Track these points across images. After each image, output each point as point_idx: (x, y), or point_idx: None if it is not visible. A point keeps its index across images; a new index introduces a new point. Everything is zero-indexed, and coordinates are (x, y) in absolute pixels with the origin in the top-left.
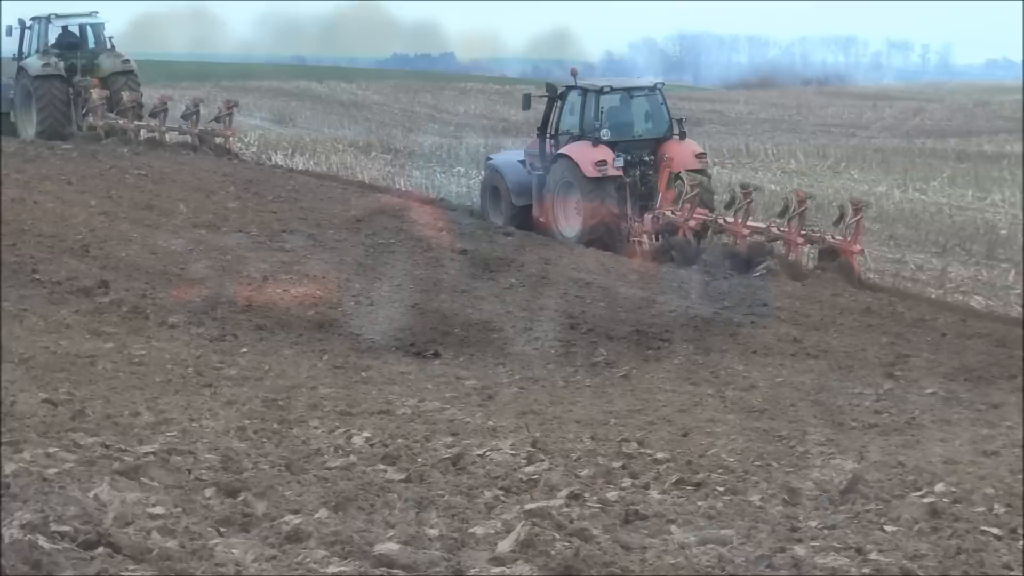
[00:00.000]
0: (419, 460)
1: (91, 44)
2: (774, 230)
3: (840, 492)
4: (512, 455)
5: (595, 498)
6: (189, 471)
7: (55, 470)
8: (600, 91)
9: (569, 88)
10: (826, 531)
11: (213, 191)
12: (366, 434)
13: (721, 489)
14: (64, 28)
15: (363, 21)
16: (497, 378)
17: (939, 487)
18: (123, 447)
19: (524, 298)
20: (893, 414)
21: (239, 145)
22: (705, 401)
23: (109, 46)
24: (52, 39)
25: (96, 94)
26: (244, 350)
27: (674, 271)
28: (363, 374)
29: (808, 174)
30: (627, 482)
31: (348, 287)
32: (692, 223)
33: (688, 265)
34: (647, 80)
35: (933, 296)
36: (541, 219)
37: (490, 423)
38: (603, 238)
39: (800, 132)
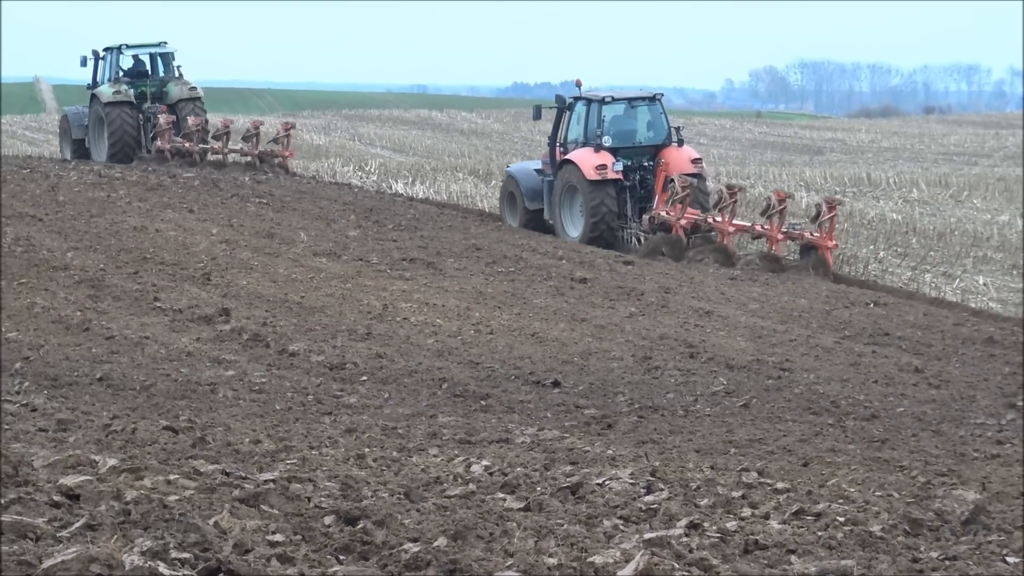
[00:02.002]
0: (538, 489)
1: (161, 72)
2: (758, 228)
3: (962, 523)
4: (631, 484)
5: (714, 528)
6: (309, 499)
7: (176, 497)
8: (602, 101)
9: (576, 99)
10: (947, 562)
11: (333, 220)
12: (485, 462)
13: (842, 519)
14: (135, 58)
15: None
16: (616, 407)
17: None
18: (243, 474)
19: (644, 327)
20: (1016, 444)
21: (360, 175)
22: (826, 431)
23: (177, 74)
24: (124, 68)
25: (163, 119)
26: (364, 378)
27: (794, 300)
28: (482, 403)
29: (930, 203)
30: (747, 512)
31: (468, 315)
32: (683, 222)
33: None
34: (647, 91)
35: None
36: (550, 221)
37: (609, 452)
38: (603, 237)
39: (922, 161)
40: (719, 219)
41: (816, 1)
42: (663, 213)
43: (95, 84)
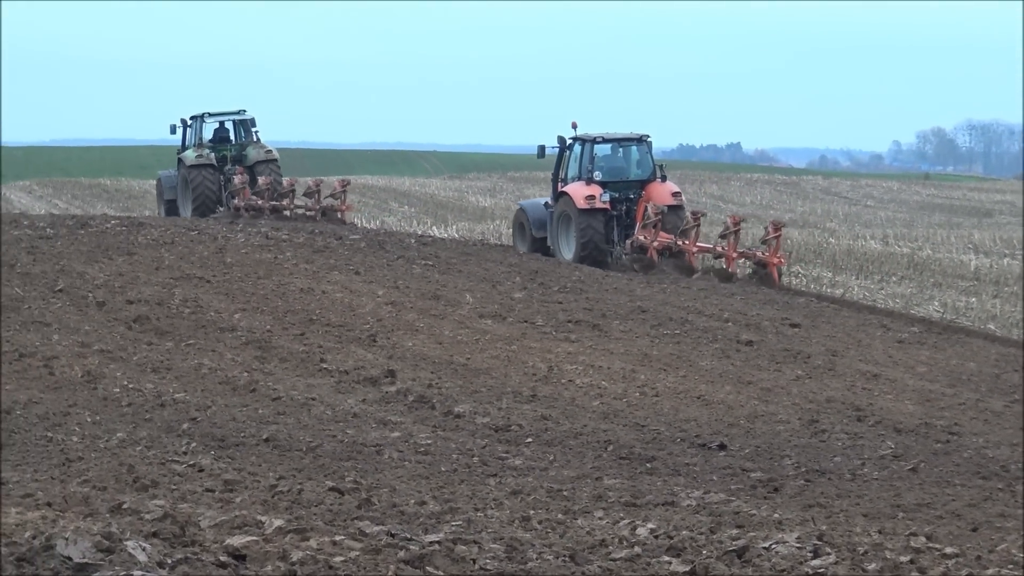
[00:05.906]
0: (704, 552)
1: (242, 137)
2: (718, 248)
3: None
4: (798, 548)
5: None
6: (474, 560)
7: (341, 558)
8: (594, 141)
9: (573, 140)
10: None
11: (499, 281)
12: (651, 525)
13: None
14: (219, 124)
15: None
16: (783, 470)
17: None
18: (409, 536)
19: (810, 390)
20: None
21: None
22: (995, 496)
23: (255, 139)
24: (208, 134)
25: (238, 179)
26: (529, 440)
27: (963, 364)
28: (648, 465)
29: None
30: None
31: (633, 377)
32: (656, 244)
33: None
34: (635, 133)
35: None
36: (550, 246)
37: (776, 515)
38: (592, 258)
39: None
40: (686, 242)
41: (984, 63)
42: (641, 238)
43: (183, 149)
